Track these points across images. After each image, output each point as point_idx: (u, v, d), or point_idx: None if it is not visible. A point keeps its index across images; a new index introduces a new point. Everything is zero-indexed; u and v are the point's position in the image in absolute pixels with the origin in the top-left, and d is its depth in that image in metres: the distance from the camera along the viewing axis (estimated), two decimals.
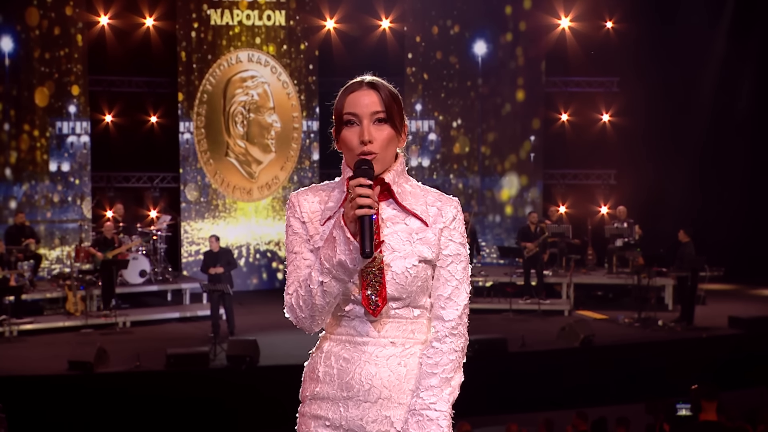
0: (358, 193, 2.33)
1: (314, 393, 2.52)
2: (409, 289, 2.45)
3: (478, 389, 11.41)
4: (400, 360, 2.46)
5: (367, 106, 2.45)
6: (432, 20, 17.64)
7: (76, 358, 11.05)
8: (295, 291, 2.48)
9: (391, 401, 2.45)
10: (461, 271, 2.51)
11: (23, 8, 15.62)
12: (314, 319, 2.48)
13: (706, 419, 6.45)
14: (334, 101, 2.52)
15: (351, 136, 2.46)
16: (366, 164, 2.40)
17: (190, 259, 16.71)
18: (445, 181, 17.72)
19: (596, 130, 17.74)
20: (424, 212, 2.48)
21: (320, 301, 2.42)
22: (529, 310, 14.46)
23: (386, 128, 2.47)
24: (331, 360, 2.50)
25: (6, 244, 13.89)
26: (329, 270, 2.39)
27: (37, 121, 15.87)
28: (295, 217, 2.53)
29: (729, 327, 13.32)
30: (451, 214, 2.50)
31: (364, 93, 2.47)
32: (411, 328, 2.49)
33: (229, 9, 16.75)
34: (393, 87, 2.51)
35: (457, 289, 2.50)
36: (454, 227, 2.50)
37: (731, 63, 17.40)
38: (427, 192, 2.53)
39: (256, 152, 17.03)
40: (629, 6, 17.29)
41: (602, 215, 17.49)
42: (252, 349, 11.31)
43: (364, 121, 2.45)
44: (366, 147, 2.43)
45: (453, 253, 2.50)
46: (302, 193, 2.56)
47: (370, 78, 2.51)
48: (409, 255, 2.45)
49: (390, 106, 2.46)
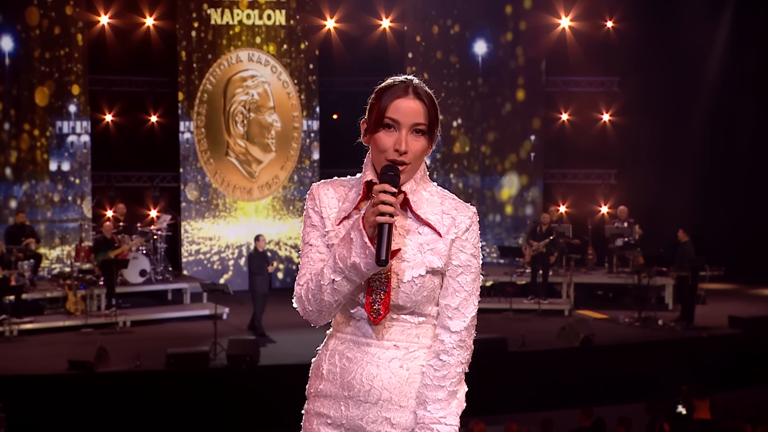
0: (381, 200, 2.32)
1: (318, 390, 2.53)
2: (414, 299, 2.44)
3: (478, 389, 11.40)
4: (402, 363, 2.46)
5: (411, 116, 2.42)
6: (432, 20, 17.64)
7: (77, 358, 11.05)
8: (306, 283, 2.47)
9: (391, 403, 2.45)
10: (471, 282, 2.48)
11: (23, 8, 15.62)
12: (321, 314, 2.48)
13: (700, 418, 6.46)
14: (372, 95, 2.48)
15: (387, 140, 2.42)
16: (393, 171, 2.38)
17: (190, 258, 16.72)
18: (445, 180, 17.72)
19: (596, 129, 17.74)
20: (438, 222, 2.46)
21: (329, 298, 2.42)
22: (529, 309, 14.46)
23: (422, 140, 2.44)
24: (335, 358, 2.50)
25: (6, 244, 13.89)
26: (342, 270, 2.38)
27: (38, 121, 15.87)
28: (314, 210, 2.52)
29: (729, 326, 13.32)
30: (464, 225, 2.46)
31: (410, 101, 2.42)
32: (416, 332, 2.48)
33: (229, 8, 16.75)
34: (432, 93, 2.48)
35: (465, 301, 2.47)
36: (466, 238, 2.46)
37: (732, 62, 17.40)
38: (445, 198, 2.50)
39: (257, 152, 17.03)
40: (629, 5, 17.28)
41: (602, 215, 17.49)
42: (252, 349, 11.30)
43: (403, 130, 2.42)
44: (400, 157, 2.41)
45: (464, 263, 2.47)
46: (324, 186, 2.54)
47: (416, 82, 2.47)
48: (417, 265, 2.43)
49: (432, 119, 2.45)
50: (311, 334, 2.89)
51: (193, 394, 10.94)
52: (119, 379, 11.02)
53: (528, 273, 15.06)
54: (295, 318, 2.73)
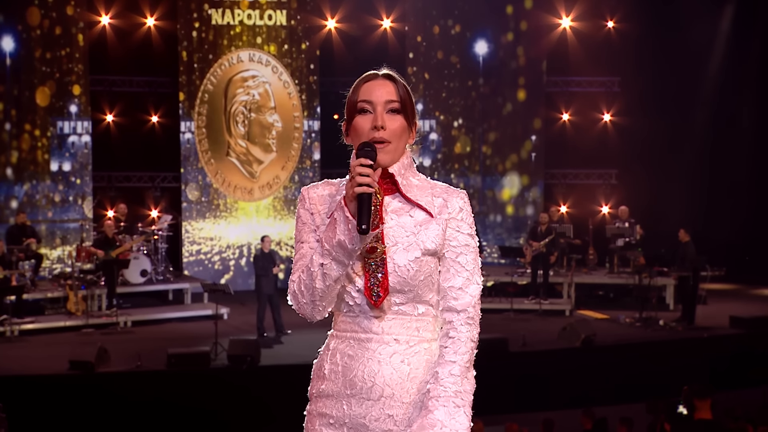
0: (358, 172, 2.34)
1: (320, 390, 2.53)
2: (411, 283, 2.44)
3: (478, 389, 11.40)
4: (403, 358, 2.45)
5: (382, 95, 2.47)
6: (433, 20, 17.63)
7: (77, 358, 11.05)
8: (298, 277, 2.48)
9: (394, 399, 2.44)
10: (472, 261, 2.49)
11: (24, 8, 15.63)
12: (315, 306, 2.46)
13: (701, 418, 6.45)
14: (347, 95, 2.53)
15: (364, 122, 2.47)
16: (369, 146, 2.40)
17: (191, 258, 16.72)
18: (446, 180, 17.33)
19: (597, 129, 17.73)
20: (429, 203, 2.48)
21: (320, 284, 2.42)
22: (530, 309, 14.45)
23: (399, 118, 2.48)
24: (337, 357, 2.50)
25: (7, 244, 13.89)
26: (329, 251, 2.39)
27: (39, 121, 15.88)
28: (304, 208, 2.55)
29: (730, 327, 13.31)
30: (457, 206, 2.49)
31: (379, 83, 2.49)
32: (416, 325, 2.47)
33: (230, 9, 16.75)
34: (406, 83, 2.53)
35: (468, 280, 2.48)
36: (461, 218, 2.49)
37: (733, 62, 17.39)
38: (434, 185, 2.54)
39: (257, 152, 17.03)
40: (630, 6, 17.28)
41: (603, 215, 17.48)
42: (253, 349, 11.30)
43: (378, 108, 2.46)
44: (378, 133, 2.44)
45: (462, 243, 2.48)
46: (313, 187, 2.58)
47: (387, 70, 2.53)
48: (412, 247, 2.44)
49: (404, 98, 2.49)
50: (312, 334, 2.89)
51: (194, 394, 10.94)
52: (120, 380, 11.02)
53: (529, 273, 15.06)
54: (296, 318, 2.73)
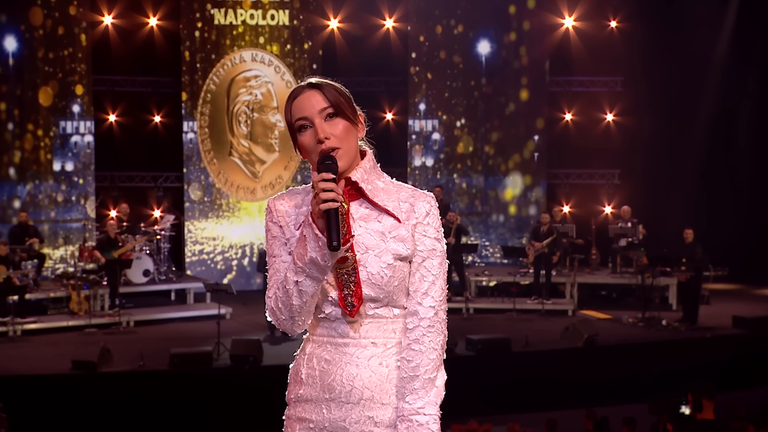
0: (321, 188, 2.32)
1: (298, 395, 2.53)
2: (386, 289, 2.43)
3: (481, 389, 11.41)
4: (381, 360, 2.45)
5: (313, 105, 2.44)
6: (436, 20, 17.62)
7: (80, 358, 11.06)
8: (274, 294, 2.47)
9: (373, 401, 2.44)
10: (437, 266, 2.47)
11: (27, 8, 15.64)
12: (294, 321, 2.46)
13: (704, 418, 6.44)
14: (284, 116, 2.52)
15: (307, 139, 2.45)
16: (329, 159, 2.39)
17: (193, 258, 16.72)
18: (448, 180, 17.72)
19: (600, 129, 17.71)
20: (396, 208, 2.46)
21: (297, 301, 2.41)
22: (532, 309, 14.44)
23: (339, 121, 2.46)
24: (314, 362, 2.49)
25: (10, 244, 13.90)
26: (302, 269, 2.38)
27: (41, 121, 15.89)
28: (273, 221, 2.52)
29: (733, 327, 13.29)
30: (424, 210, 2.47)
31: (306, 95, 2.46)
32: (392, 327, 2.47)
33: (232, 8, 16.75)
34: (337, 83, 2.51)
35: (433, 285, 2.47)
36: (427, 222, 2.47)
37: (736, 62, 17.37)
38: (401, 188, 2.51)
39: (260, 152, 17.03)
40: (633, 5, 17.26)
41: (606, 215, 17.45)
42: (255, 349, 11.31)
43: (315, 120, 2.44)
44: (324, 145, 2.42)
45: (428, 248, 2.47)
46: (278, 198, 2.56)
47: (311, 79, 2.50)
48: (383, 253, 2.42)
49: (336, 100, 2.46)
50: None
51: (196, 394, 10.94)
52: (122, 379, 11.03)
53: (531, 273, 15.05)
54: None
